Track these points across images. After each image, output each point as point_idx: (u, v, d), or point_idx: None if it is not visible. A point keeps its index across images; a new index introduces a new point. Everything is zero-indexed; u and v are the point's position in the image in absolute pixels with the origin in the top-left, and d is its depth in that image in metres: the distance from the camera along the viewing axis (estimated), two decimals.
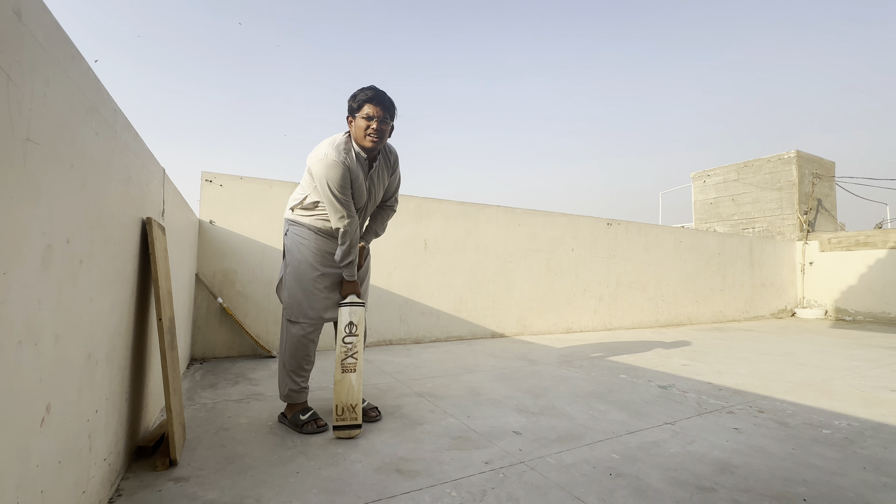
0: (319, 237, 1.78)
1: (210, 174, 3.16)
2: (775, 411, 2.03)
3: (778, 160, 7.82)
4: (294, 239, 1.78)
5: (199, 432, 1.66)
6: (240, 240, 3.21)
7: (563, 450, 1.55)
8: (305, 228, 1.78)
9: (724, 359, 3.32)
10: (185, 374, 2.58)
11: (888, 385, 2.55)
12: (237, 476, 1.32)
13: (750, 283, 6.68)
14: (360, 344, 1.73)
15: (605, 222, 5.21)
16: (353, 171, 1.68)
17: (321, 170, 1.64)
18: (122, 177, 1.18)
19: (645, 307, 5.44)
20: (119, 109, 1.15)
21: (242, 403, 2.03)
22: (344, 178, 1.64)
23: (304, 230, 1.78)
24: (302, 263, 1.75)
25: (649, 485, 1.30)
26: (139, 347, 1.43)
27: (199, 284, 3.04)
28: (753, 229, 8.13)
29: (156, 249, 1.40)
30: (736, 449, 1.57)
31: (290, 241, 1.80)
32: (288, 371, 1.76)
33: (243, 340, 3.16)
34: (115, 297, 1.15)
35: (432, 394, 2.25)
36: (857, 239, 6.83)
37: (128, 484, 1.24)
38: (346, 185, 1.66)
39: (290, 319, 1.76)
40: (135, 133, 1.32)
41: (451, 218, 4.18)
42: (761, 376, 2.74)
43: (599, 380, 2.59)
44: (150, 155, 1.55)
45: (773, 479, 1.34)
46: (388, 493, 1.24)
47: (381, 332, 3.73)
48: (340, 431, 1.63)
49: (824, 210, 7.89)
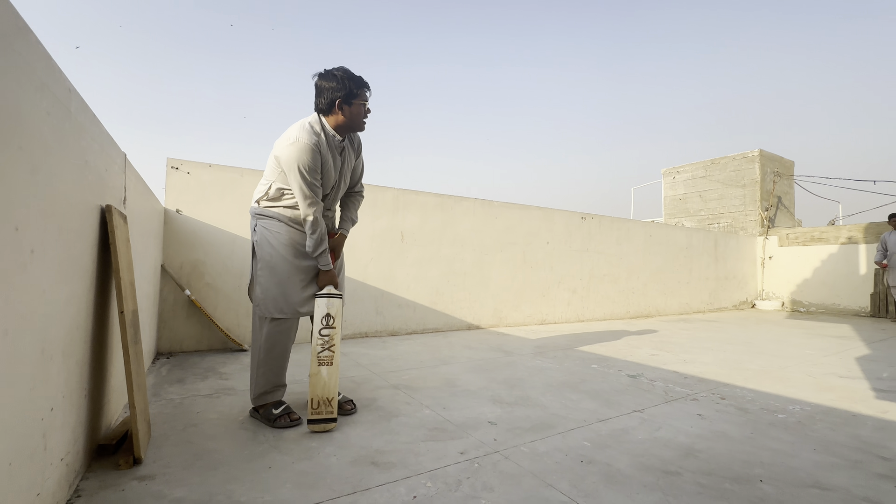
0: (291, 228, 1.72)
1: (176, 161, 3.02)
2: (736, 398, 2.13)
3: (742, 158, 8.15)
4: (263, 233, 1.72)
5: (165, 429, 1.60)
6: (209, 230, 3.09)
7: (536, 438, 1.59)
8: (275, 220, 1.72)
9: (690, 348, 3.47)
10: (151, 370, 2.49)
11: (837, 372, 2.73)
12: (206, 472, 1.28)
13: (714, 276, 6.97)
14: (337, 336, 1.70)
15: (580, 216, 5.31)
16: (324, 155, 1.66)
17: (293, 153, 1.60)
18: (78, 161, 1.11)
19: (616, 299, 5.60)
20: (74, 89, 1.08)
21: (212, 398, 1.97)
22: (315, 162, 1.62)
23: (273, 222, 1.72)
24: (274, 257, 1.69)
25: (619, 470, 1.35)
26: (99, 341, 1.36)
27: (165, 276, 2.92)
28: (719, 224, 8.47)
29: (116, 239, 1.33)
30: (700, 434, 1.65)
31: (259, 235, 1.74)
32: (263, 372, 1.70)
33: (213, 334, 3.06)
34: (72, 288, 1.09)
35: (408, 386, 2.25)
36: (813, 235, 7.23)
37: (88, 484, 1.19)
38: (316, 169, 1.63)
39: (264, 317, 1.70)
40: (92, 115, 1.24)
41: (428, 210, 4.16)
42: (723, 365, 2.87)
43: (572, 370, 2.65)
44: (110, 139, 1.46)
45: (734, 462, 1.41)
46: (363, 485, 1.23)
47: (356, 325, 3.70)
48: (316, 425, 1.60)
49: (783, 207, 8.29)
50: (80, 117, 1.13)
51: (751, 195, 7.98)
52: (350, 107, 1.68)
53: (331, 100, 1.66)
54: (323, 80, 1.67)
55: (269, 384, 1.70)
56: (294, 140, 1.60)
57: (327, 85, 1.66)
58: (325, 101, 1.67)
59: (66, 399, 1.06)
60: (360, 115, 1.71)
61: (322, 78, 1.68)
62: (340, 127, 1.71)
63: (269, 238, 1.71)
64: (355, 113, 1.69)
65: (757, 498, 1.20)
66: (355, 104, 1.68)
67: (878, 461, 1.44)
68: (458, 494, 1.19)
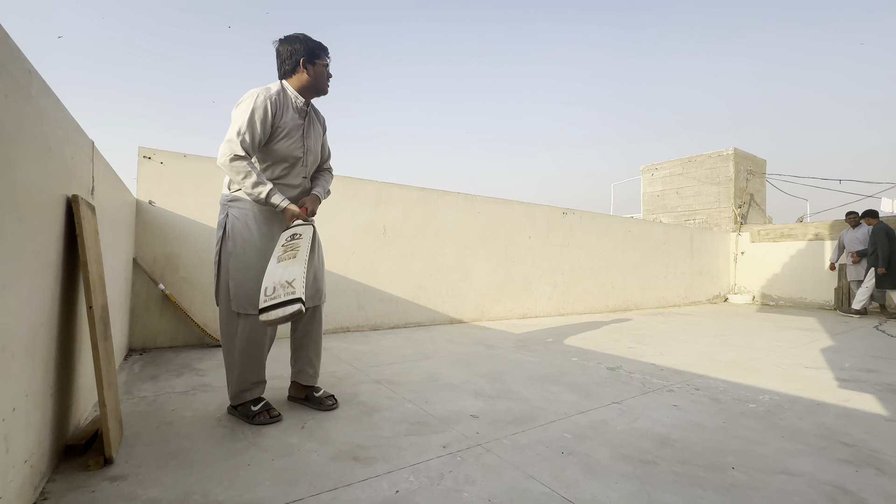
0: (266, 211, 1.66)
1: (149, 150, 2.91)
2: (709, 389, 2.20)
3: (718, 156, 8.38)
4: (235, 222, 1.64)
5: (138, 428, 1.55)
6: (184, 222, 2.99)
7: (518, 431, 1.60)
8: (249, 203, 1.65)
9: (666, 341, 3.56)
10: (123, 367, 2.40)
11: (804, 363, 2.85)
12: (181, 472, 1.25)
13: (690, 271, 7.17)
14: (304, 246, 1.54)
15: (561, 211, 5.37)
16: (281, 111, 1.64)
17: (248, 101, 1.59)
18: (40, 148, 1.05)
19: (596, 293, 5.70)
20: (35, 71, 1.02)
21: (188, 396, 1.92)
22: (265, 113, 1.59)
23: (248, 206, 1.65)
24: (249, 247, 1.63)
25: (598, 461, 1.37)
26: (67, 338, 1.30)
27: (138, 270, 2.82)
28: (694, 221, 8.70)
29: (84, 230, 1.27)
30: (675, 424, 1.70)
31: (231, 223, 1.64)
32: (240, 371, 1.63)
33: (189, 329, 2.98)
34: (36, 282, 1.04)
35: (390, 380, 2.24)
36: (782, 231, 7.51)
37: (55, 486, 1.14)
38: (264, 121, 1.59)
39: (239, 313, 1.61)
40: (56, 99, 1.17)
41: (410, 204, 4.13)
42: (698, 357, 2.96)
43: (553, 363, 2.69)
44: (76, 125, 1.39)
45: (707, 451, 1.46)
46: (344, 481, 1.22)
47: (338, 320, 3.66)
48: (271, 313, 1.30)
49: (756, 204, 8.58)
50: (42, 101, 1.07)
51: (725, 192, 8.22)
52: (314, 66, 1.70)
53: (294, 60, 1.68)
54: (284, 43, 1.70)
55: (248, 382, 1.64)
56: (249, 94, 1.62)
57: (290, 47, 1.68)
58: (289, 63, 1.69)
59: (29, 398, 1.01)
60: (324, 77, 1.74)
61: (283, 42, 1.70)
62: (305, 88, 1.72)
63: (243, 226, 1.63)
64: (319, 73, 1.72)
65: (728, 485, 1.24)
66: (318, 64, 1.71)
67: (841, 447, 1.51)
68: (441, 488, 1.19)
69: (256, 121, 1.58)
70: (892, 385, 2.32)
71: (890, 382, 2.37)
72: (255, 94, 1.60)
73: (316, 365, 1.87)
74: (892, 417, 1.82)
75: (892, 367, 2.76)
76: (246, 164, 1.56)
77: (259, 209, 1.67)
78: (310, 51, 1.69)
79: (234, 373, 1.64)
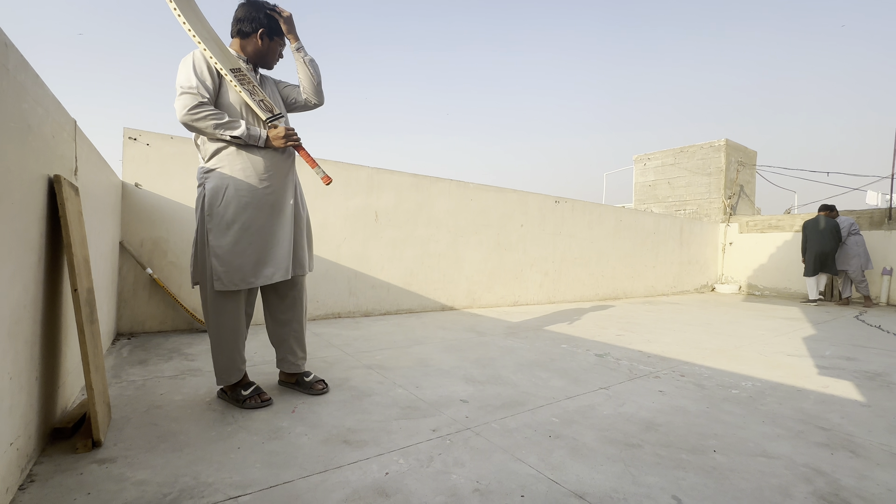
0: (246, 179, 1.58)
1: (134, 131, 2.83)
2: (694, 375, 2.25)
3: (710, 147, 8.42)
4: (213, 197, 1.56)
5: (127, 411, 1.54)
6: (172, 205, 2.94)
7: (507, 415, 1.63)
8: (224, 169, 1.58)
9: (654, 329, 3.62)
10: (110, 351, 2.38)
11: (786, 351, 2.92)
12: (171, 454, 1.25)
13: (679, 261, 7.26)
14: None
15: (554, 200, 5.37)
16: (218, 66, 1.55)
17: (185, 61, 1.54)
18: (18, 125, 1.01)
19: (586, 282, 5.76)
20: (12, 44, 0.98)
21: (177, 380, 1.91)
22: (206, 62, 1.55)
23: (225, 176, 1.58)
24: (228, 216, 1.56)
25: (584, 444, 1.40)
26: (52, 321, 1.28)
27: (125, 253, 2.77)
28: (685, 211, 8.78)
29: (67, 211, 1.24)
30: (660, 409, 1.73)
31: (209, 198, 1.57)
32: (226, 351, 1.62)
33: (178, 314, 2.95)
34: (17, 264, 1.01)
35: (381, 366, 2.25)
36: (770, 222, 7.61)
37: (42, 468, 1.14)
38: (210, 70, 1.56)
39: (222, 291, 1.58)
40: (34, 74, 1.13)
41: (403, 190, 4.10)
42: (684, 344, 3.02)
43: (542, 350, 2.72)
44: (57, 103, 1.35)
45: (690, 435, 1.50)
46: (334, 463, 1.23)
47: (329, 305, 3.65)
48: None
49: (745, 195, 8.67)
50: (20, 76, 1.03)
51: (716, 183, 8.28)
52: (271, 42, 1.71)
53: (253, 28, 1.66)
54: (249, 7, 1.66)
55: (234, 363, 1.64)
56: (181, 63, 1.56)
57: (254, 14, 1.66)
58: (248, 27, 1.66)
59: (13, 381, 1.00)
60: (275, 54, 1.75)
61: (248, 5, 1.67)
62: (251, 54, 1.70)
63: (223, 200, 1.56)
64: (272, 49, 1.72)
65: (710, 467, 1.28)
66: (276, 41, 1.72)
67: (818, 431, 1.56)
68: (430, 470, 1.21)
69: (197, 69, 1.53)
70: (869, 372, 2.39)
71: (867, 370, 2.45)
72: (189, 55, 1.56)
73: (298, 352, 1.83)
74: (868, 403, 1.88)
75: (870, 355, 2.85)
76: (210, 108, 1.52)
77: (238, 180, 1.58)
78: (271, 26, 1.69)
79: (223, 353, 1.63)
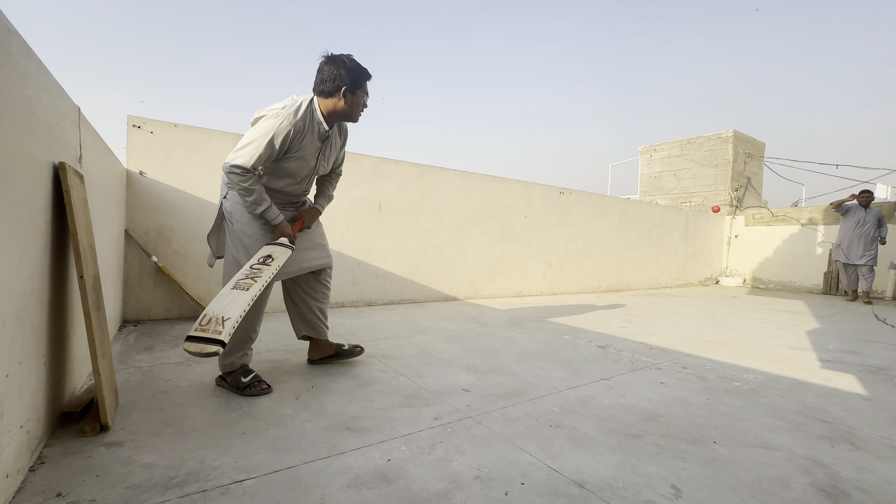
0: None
1: (138, 119, 2.83)
2: (696, 367, 2.25)
3: (717, 139, 8.31)
4: (236, 206, 1.70)
5: (133, 396, 1.57)
6: (176, 194, 2.95)
7: (508, 405, 1.64)
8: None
9: (656, 321, 3.62)
10: (117, 337, 2.41)
11: (789, 344, 2.91)
12: (177, 439, 1.27)
13: (683, 253, 7.22)
14: (266, 276, 1.56)
15: (558, 191, 5.34)
16: (296, 140, 1.64)
17: (272, 122, 1.59)
18: (22, 112, 1.02)
19: (590, 273, 5.75)
20: (14, 29, 0.98)
21: (182, 366, 1.94)
22: (284, 140, 1.60)
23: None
24: (243, 231, 1.70)
25: (585, 434, 1.41)
26: (59, 307, 1.29)
27: (130, 241, 2.79)
28: (690, 203, 8.71)
29: (72, 199, 1.25)
30: (661, 400, 1.74)
31: (231, 203, 1.72)
32: (232, 344, 1.67)
33: (183, 302, 2.98)
34: (24, 251, 1.02)
35: (384, 354, 2.27)
36: (777, 215, 7.54)
37: (52, 451, 1.16)
38: (282, 146, 1.61)
39: None
40: (38, 60, 1.13)
41: (406, 180, 4.09)
42: (686, 337, 3.01)
43: (545, 340, 2.73)
44: (61, 90, 1.35)
45: (690, 426, 1.51)
46: (337, 449, 1.25)
47: (332, 295, 3.67)
48: (193, 344, 1.30)
49: (752, 188, 8.57)
50: (24, 62, 1.03)
51: (722, 175, 8.19)
52: (354, 96, 1.70)
53: (336, 86, 1.65)
54: (331, 64, 1.65)
55: (238, 355, 1.69)
56: (275, 114, 1.60)
57: (335, 71, 1.64)
58: (330, 86, 1.65)
59: (22, 365, 1.02)
60: (360, 107, 1.74)
61: (330, 62, 1.65)
62: (336, 113, 1.71)
63: (241, 211, 1.70)
64: (356, 103, 1.72)
65: (709, 458, 1.28)
66: (359, 94, 1.71)
67: (819, 424, 1.57)
68: (432, 457, 1.23)
69: (275, 144, 1.59)
70: (872, 366, 2.39)
71: (871, 364, 2.44)
72: (279, 119, 1.59)
73: (324, 319, 2.00)
74: (871, 397, 1.88)
75: (875, 349, 2.84)
76: (248, 179, 1.59)
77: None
78: (353, 80, 1.66)
79: (241, 329, 1.68)
